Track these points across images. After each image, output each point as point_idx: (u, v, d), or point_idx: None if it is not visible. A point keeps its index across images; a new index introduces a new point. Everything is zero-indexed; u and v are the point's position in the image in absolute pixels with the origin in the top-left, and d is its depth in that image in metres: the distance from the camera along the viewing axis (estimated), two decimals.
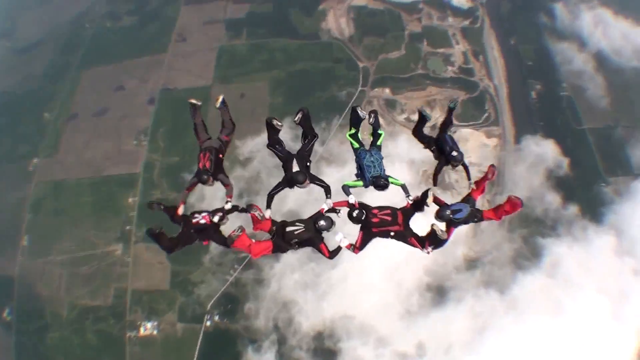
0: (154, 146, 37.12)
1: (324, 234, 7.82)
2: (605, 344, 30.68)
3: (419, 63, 40.91)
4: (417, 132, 8.68)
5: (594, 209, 35.36)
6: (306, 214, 8.46)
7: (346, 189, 8.18)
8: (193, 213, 7.93)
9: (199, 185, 8.26)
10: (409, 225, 7.85)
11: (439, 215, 7.73)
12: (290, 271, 34.27)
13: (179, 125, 36.96)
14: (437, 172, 8.65)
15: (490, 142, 38.12)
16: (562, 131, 37.99)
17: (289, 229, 7.66)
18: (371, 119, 8.30)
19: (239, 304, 33.97)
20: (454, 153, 8.07)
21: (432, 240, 7.60)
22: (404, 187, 8.19)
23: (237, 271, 34.59)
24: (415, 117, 8.91)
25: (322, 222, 7.56)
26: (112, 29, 42.39)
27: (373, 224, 7.80)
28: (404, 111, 38.86)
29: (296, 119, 8.24)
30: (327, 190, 8.11)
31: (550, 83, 40.42)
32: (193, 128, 8.46)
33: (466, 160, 8.28)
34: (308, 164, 8.28)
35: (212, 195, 26.41)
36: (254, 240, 7.68)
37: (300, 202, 30.09)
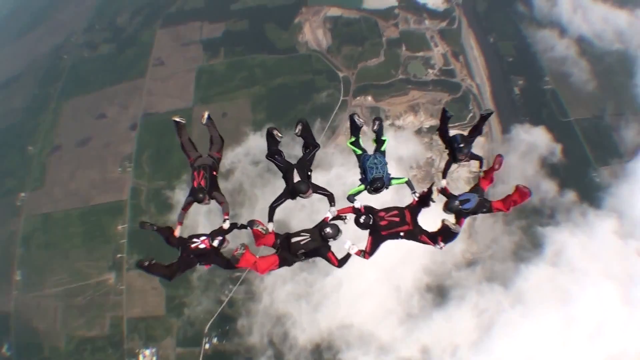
0: (139, 172, 37.09)
1: (331, 242, 7.48)
2: (616, 330, 30.03)
3: (399, 68, 41.01)
4: (443, 132, 8.43)
5: (592, 194, 35.05)
6: (294, 223, 8.27)
7: (351, 198, 8.00)
8: (191, 237, 7.46)
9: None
10: (417, 222, 7.59)
11: (447, 207, 7.53)
12: (281, 283, 33.61)
13: (163, 149, 36.97)
14: (446, 167, 8.47)
15: (477, 140, 38.06)
16: (548, 124, 37.94)
17: (294, 239, 7.31)
18: (375, 126, 8.22)
19: (236, 323, 33.73)
20: (461, 145, 7.89)
21: (444, 235, 7.35)
22: (409, 183, 7.98)
23: (232, 291, 34.42)
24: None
25: (328, 230, 7.22)
26: (89, 58, 42.46)
27: (382, 227, 7.54)
28: (388, 117, 38.90)
29: (297, 131, 8.11)
30: (331, 199, 7.86)
31: (532, 77, 40.43)
32: (181, 147, 8.01)
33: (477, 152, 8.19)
34: (309, 173, 8.06)
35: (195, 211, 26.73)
36: (258, 257, 7.30)
37: (286, 211, 30.07)
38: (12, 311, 35.08)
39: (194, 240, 7.33)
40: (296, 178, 7.64)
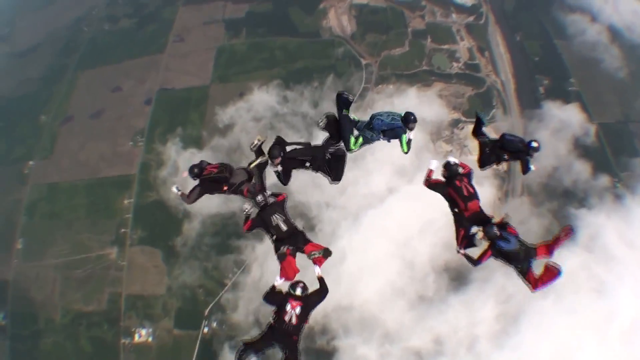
0: (150, 147, 36.19)
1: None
2: None
3: (423, 59, 40.19)
4: (476, 133, 8.82)
5: (629, 179, 33.67)
6: None
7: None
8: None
9: None
10: (468, 221, 7.74)
11: (486, 232, 7.44)
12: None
13: (176, 125, 36.14)
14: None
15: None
16: None
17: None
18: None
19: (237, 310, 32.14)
20: (534, 144, 8.17)
21: (468, 243, 7.48)
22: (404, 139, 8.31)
23: (236, 275, 33.07)
24: None
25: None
26: (110, 31, 42.09)
27: (456, 187, 7.87)
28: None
29: (321, 124, 8.64)
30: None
31: (557, 78, 39.26)
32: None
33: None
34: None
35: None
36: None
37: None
38: (11, 280, 34.23)
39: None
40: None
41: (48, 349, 32.30)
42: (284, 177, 8.57)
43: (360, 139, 8.61)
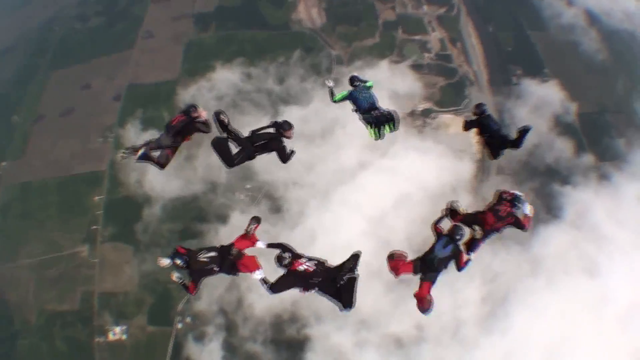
0: (119, 142, 35.90)
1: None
2: None
3: (394, 50, 39.97)
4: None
5: (613, 157, 33.36)
6: None
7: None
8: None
9: None
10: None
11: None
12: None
13: (145, 120, 35.88)
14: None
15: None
16: None
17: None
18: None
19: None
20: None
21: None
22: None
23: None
24: None
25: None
26: (80, 30, 41.92)
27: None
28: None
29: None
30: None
31: (531, 68, 39.20)
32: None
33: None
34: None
35: None
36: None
37: None
38: None
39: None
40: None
41: (24, 351, 31.99)
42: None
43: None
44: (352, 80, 9.32)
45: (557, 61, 39.26)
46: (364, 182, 29.92)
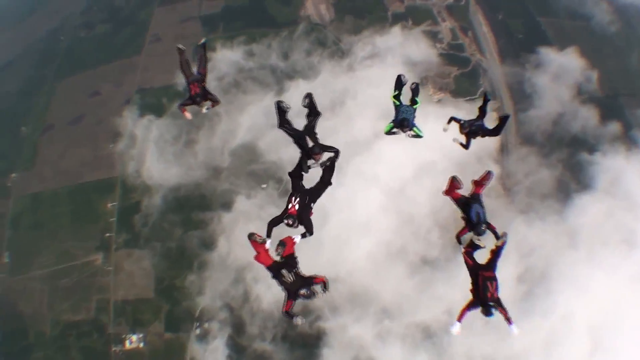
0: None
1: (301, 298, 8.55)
2: None
3: None
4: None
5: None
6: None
7: (388, 133, 9.87)
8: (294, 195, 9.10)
9: None
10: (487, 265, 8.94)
11: (477, 233, 9.00)
12: (244, 221, 27.74)
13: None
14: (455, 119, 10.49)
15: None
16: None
17: (283, 272, 8.49)
18: (412, 86, 10.00)
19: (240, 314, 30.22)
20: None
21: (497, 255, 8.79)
22: (417, 135, 9.70)
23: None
24: None
25: (303, 292, 8.49)
26: (86, 38, 41.63)
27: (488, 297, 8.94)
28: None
29: (304, 103, 9.56)
30: (337, 154, 9.17)
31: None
32: (180, 67, 10.27)
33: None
34: (317, 135, 9.29)
35: None
36: (266, 250, 8.85)
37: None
38: None
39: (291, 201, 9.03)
40: (310, 143, 8.99)
41: None
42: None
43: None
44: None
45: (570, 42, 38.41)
46: (380, 152, 27.42)
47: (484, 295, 8.73)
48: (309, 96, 9.49)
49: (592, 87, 34.47)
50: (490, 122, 10.20)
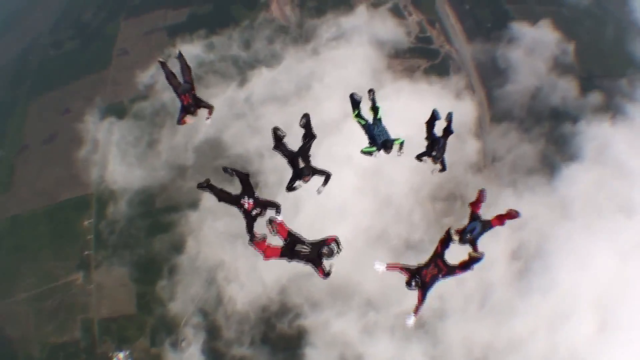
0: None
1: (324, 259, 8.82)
2: None
3: None
4: (429, 128, 10.26)
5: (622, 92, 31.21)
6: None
7: (366, 153, 10.01)
8: (242, 195, 9.41)
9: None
10: (448, 264, 9.11)
11: (462, 241, 9.10)
12: (212, 218, 26.86)
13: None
14: (421, 155, 10.62)
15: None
16: None
17: (298, 247, 8.83)
18: (370, 96, 9.96)
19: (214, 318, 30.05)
20: (435, 153, 10.06)
21: (473, 261, 8.87)
22: (402, 144, 10.06)
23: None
24: None
25: (325, 251, 8.76)
26: (55, 56, 41.34)
27: (427, 283, 9.17)
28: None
29: (300, 123, 9.73)
30: (328, 178, 9.53)
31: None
32: (166, 79, 9.99)
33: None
34: (309, 157, 9.56)
35: None
36: (267, 244, 8.98)
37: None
38: None
39: (243, 199, 9.31)
40: (301, 164, 9.25)
41: None
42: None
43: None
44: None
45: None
46: (351, 132, 26.09)
47: (419, 272, 9.16)
48: (305, 117, 9.69)
49: (569, 60, 33.70)
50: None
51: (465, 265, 9.00)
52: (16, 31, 44.46)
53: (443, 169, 10.34)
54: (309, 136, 9.69)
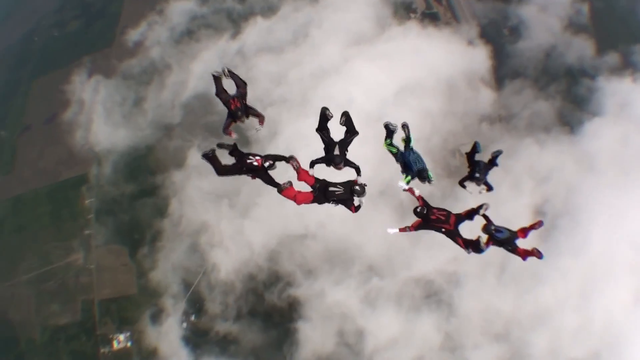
0: None
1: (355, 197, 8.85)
2: None
3: None
4: (470, 157, 9.82)
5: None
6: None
7: (402, 185, 9.40)
8: (248, 154, 8.98)
9: None
10: (457, 227, 9.00)
11: (485, 229, 8.90)
12: (196, 176, 24.67)
13: None
14: (463, 180, 9.87)
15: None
16: None
17: (331, 188, 8.81)
18: (405, 131, 9.73)
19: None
20: (477, 175, 9.48)
21: (474, 246, 8.83)
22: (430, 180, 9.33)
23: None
24: None
25: (357, 188, 8.82)
26: (59, 36, 40.78)
27: (430, 219, 9.03)
28: None
29: (341, 121, 9.45)
30: (358, 170, 9.29)
31: None
32: (216, 94, 9.25)
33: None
34: (346, 152, 9.32)
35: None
36: (297, 191, 8.77)
37: None
38: None
39: (250, 157, 8.91)
40: (336, 152, 9.15)
41: None
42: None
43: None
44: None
45: None
46: (353, 73, 24.21)
47: (430, 207, 9.10)
48: (345, 115, 9.50)
49: (584, 21, 31.41)
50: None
51: (467, 242, 8.92)
52: (21, 13, 44.09)
53: (489, 189, 9.74)
54: (351, 132, 9.48)
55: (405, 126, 9.83)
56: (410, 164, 9.48)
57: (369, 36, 26.19)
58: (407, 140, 9.79)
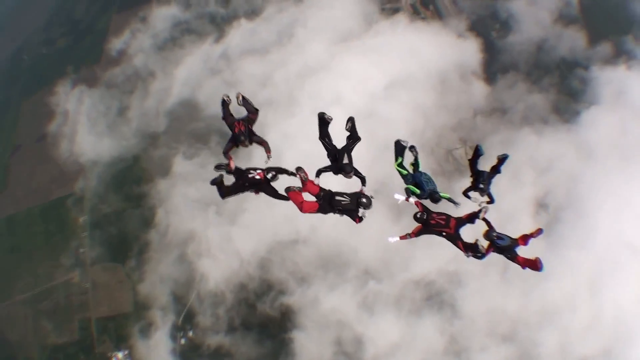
0: None
1: (361, 209, 8.71)
2: None
3: None
4: (472, 164, 9.67)
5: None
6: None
7: (408, 191, 9.45)
8: (248, 169, 8.87)
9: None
10: (458, 231, 8.97)
11: (486, 234, 8.84)
12: (182, 183, 24.15)
13: None
14: (467, 190, 9.68)
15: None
16: None
17: (337, 198, 8.70)
18: (414, 153, 9.80)
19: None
20: (481, 185, 9.39)
21: (474, 250, 8.73)
22: (450, 199, 9.35)
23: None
24: None
25: (363, 200, 8.67)
26: (48, 54, 40.60)
27: (431, 225, 9.02)
28: None
29: (346, 127, 9.39)
30: (364, 180, 9.23)
31: None
32: (223, 118, 9.12)
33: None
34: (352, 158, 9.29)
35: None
36: (305, 200, 8.70)
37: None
38: None
39: (251, 172, 8.87)
40: (345, 160, 9.11)
41: None
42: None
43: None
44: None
45: None
46: (341, 69, 23.50)
47: (430, 212, 9.06)
48: (350, 120, 9.43)
49: (574, 13, 30.86)
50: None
51: (467, 245, 8.81)
52: (9, 31, 43.96)
53: (491, 201, 9.55)
54: (353, 138, 9.42)
55: (413, 148, 9.85)
56: (422, 184, 9.44)
57: (356, 32, 25.64)
58: (415, 164, 9.88)
